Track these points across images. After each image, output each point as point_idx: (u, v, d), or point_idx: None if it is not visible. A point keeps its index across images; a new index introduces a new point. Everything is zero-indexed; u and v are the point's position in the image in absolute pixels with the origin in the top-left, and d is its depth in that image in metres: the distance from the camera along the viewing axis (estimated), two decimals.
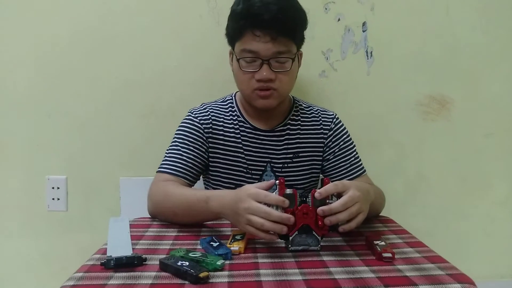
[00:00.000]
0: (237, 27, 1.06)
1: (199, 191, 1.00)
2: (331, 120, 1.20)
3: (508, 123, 1.49)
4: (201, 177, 1.18)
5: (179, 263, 0.72)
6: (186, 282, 0.68)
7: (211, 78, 1.41)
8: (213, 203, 0.91)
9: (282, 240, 0.83)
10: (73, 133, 1.45)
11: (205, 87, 1.41)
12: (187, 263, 0.72)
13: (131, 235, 0.91)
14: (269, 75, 1.04)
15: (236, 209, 0.83)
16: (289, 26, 1.04)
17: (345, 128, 1.21)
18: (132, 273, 0.72)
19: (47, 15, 1.40)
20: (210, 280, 0.69)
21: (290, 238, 0.81)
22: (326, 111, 1.22)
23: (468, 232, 1.50)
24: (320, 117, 1.20)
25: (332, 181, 0.82)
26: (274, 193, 0.83)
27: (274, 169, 1.15)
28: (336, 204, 0.80)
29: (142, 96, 1.44)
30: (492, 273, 1.46)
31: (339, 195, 0.82)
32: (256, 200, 0.80)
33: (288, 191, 0.82)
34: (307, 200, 0.82)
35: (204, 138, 1.13)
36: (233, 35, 1.09)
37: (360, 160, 1.19)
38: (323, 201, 0.81)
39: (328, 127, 1.19)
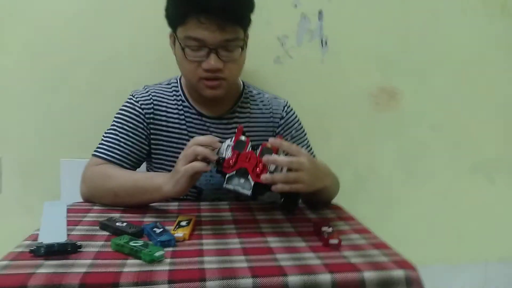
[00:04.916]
0: (179, 12, 0.97)
1: (142, 172, 0.99)
2: (282, 108, 1.17)
3: (453, 116, 1.55)
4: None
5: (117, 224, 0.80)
6: (124, 270, 0.64)
7: (164, 60, 1.32)
8: (159, 176, 0.93)
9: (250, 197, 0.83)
10: (9, 110, 1.33)
11: (157, 69, 1.32)
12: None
13: (68, 221, 0.85)
14: (217, 65, 0.97)
15: (176, 166, 0.88)
16: (238, 14, 0.97)
17: (296, 116, 1.19)
18: (64, 261, 0.67)
19: None
20: (150, 269, 0.65)
21: (227, 175, 0.83)
22: (277, 99, 1.19)
23: (411, 221, 1.56)
24: (270, 105, 1.17)
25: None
26: (230, 139, 0.88)
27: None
28: (282, 158, 0.81)
29: (88, 75, 1.35)
30: (431, 258, 1.53)
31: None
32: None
33: (242, 138, 0.86)
34: (256, 151, 0.84)
35: (145, 124, 1.07)
36: (174, 19, 1.00)
37: (311, 148, 1.19)
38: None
39: (279, 115, 1.16)
